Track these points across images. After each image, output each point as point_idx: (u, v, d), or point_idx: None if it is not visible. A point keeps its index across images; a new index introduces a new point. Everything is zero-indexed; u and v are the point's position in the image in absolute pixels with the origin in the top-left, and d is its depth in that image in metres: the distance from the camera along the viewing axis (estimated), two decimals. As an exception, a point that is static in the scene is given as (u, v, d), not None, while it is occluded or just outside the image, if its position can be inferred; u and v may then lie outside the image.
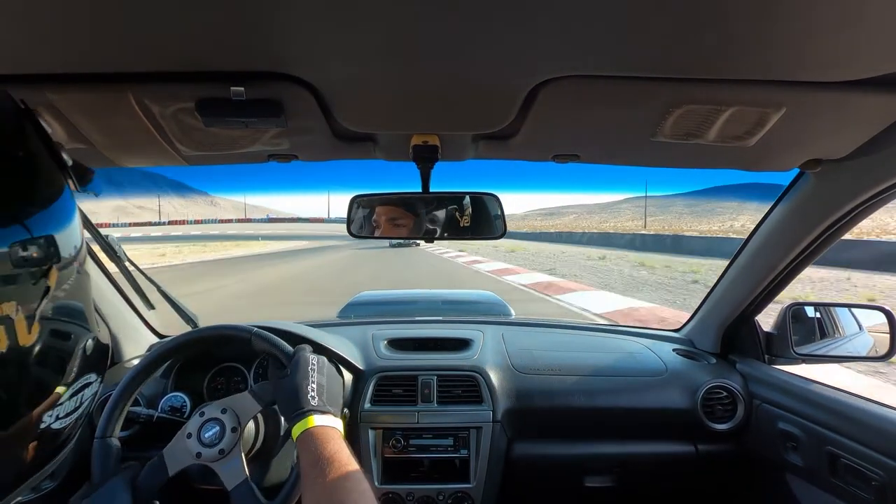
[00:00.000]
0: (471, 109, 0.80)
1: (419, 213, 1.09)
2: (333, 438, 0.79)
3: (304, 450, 0.78)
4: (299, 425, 0.81)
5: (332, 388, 0.90)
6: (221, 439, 0.92)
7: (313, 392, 0.86)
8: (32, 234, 0.36)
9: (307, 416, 0.82)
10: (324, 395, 0.87)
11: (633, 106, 0.77)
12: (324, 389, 0.88)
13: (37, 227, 0.37)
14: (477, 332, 1.60)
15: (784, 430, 1.24)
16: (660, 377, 1.43)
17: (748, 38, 0.56)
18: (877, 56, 0.60)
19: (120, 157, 0.93)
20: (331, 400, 0.88)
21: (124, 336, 1.46)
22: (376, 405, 1.35)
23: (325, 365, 0.94)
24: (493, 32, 0.56)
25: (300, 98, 0.73)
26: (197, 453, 0.91)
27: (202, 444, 0.92)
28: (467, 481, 1.30)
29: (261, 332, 1.02)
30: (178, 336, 1.09)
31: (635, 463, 1.40)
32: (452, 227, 1.09)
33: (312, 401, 0.84)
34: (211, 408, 0.95)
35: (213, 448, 0.91)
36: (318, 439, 0.78)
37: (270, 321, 1.31)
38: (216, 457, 0.91)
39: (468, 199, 1.09)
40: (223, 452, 0.91)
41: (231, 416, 0.94)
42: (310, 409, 0.83)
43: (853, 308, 1.47)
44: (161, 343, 1.05)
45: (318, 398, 0.86)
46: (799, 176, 1.11)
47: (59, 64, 0.63)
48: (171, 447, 0.93)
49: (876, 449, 1.01)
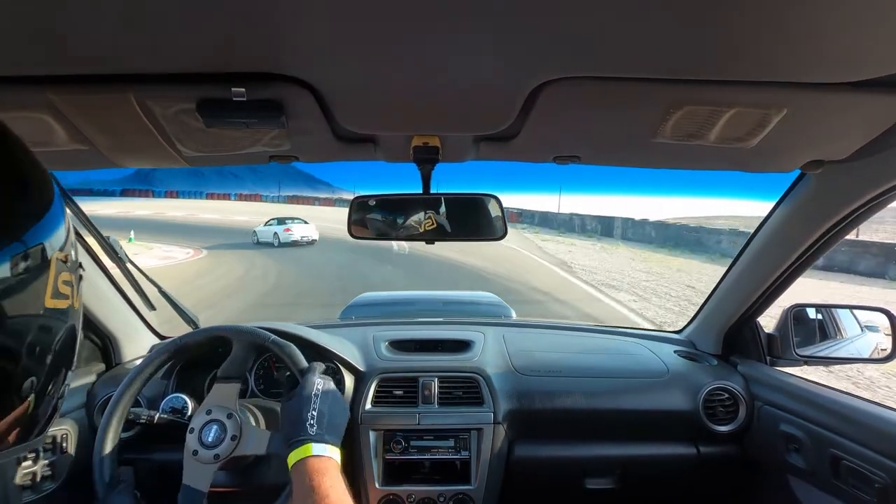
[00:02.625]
0: (471, 111, 0.80)
1: (419, 214, 1.09)
2: (329, 472, 0.77)
3: (298, 480, 0.77)
4: (296, 453, 0.80)
5: (333, 418, 0.88)
6: (219, 444, 0.93)
7: (312, 420, 0.84)
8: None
9: (304, 444, 0.80)
10: (324, 424, 0.85)
11: (634, 107, 0.77)
12: (324, 418, 0.86)
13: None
14: (478, 333, 1.60)
15: (786, 432, 1.24)
16: (661, 379, 1.42)
17: (749, 39, 0.56)
18: (878, 57, 0.60)
19: (121, 158, 0.93)
20: (331, 429, 0.86)
21: (125, 337, 1.46)
22: (377, 406, 1.34)
23: (329, 392, 0.91)
24: (494, 34, 0.56)
25: (301, 99, 0.73)
26: (194, 451, 0.92)
27: (204, 445, 0.92)
28: (468, 483, 1.30)
29: (279, 340, 1.02)
30: (198, 331, 1.08)
31: (636, 465, 1.40)
32: (453, 229, 1.09)
33: (311, 429, 0.83)
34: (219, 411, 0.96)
35: (210, 450, 0.92)
36: (313, 471, 0.77)
37: (272, 322, 1.31)
38: (209, 460, 0.92)
39: (469, 200, 1.10)
40: (217, 458, 0.92)
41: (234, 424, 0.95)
42: (307, 437, 0.81)
43: (855, 309, 1.47)
44: (173, 340, 1.05)
45: (318, 426, 0.84)
46: (800, 177, 1.11)
47: (60, 65, 0.63)
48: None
49: (879, 451, 1.00)
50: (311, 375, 0.93)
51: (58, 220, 0.42)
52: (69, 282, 0.43)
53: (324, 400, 0.88)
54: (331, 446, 0.82)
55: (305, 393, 0.89)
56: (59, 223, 0.42)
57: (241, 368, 1.01)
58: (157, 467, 1.28)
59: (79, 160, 0.95)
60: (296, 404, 0.87)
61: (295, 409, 0.86)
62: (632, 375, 1.44)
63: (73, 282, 0.44)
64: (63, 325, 0.43)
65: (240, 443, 0.93)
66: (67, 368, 0.46)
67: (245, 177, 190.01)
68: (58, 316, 0.42)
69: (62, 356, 0.43)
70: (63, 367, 0.44)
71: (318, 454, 0.80)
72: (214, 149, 0.92)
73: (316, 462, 0.79)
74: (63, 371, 0.45)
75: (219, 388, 0.99)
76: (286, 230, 18.45)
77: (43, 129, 0.78)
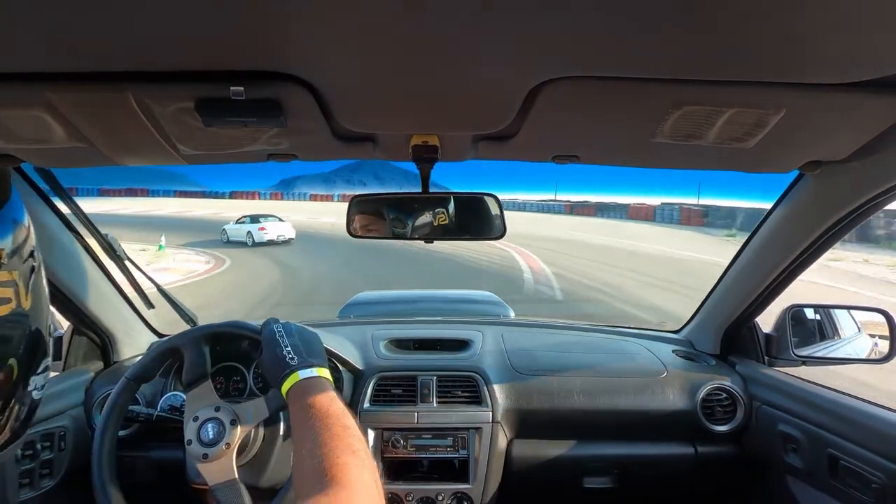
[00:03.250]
0: (470, 110, 0.80)
1: (418, 213, 1.09)
2: (324, 389, 0.77)
3: (294, 403, 0.76)
4: (285, 384, 0.79)
5: (308, 344, 0.88)
6: (223, 436, 0.92)
7: (290, 354, 0.84)
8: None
9: (291, 374, 0.80)
10: (301, 351, 0.84)
11: (633, 107, 0.77)
12: (299, 346, 0.85)
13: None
14: (476, 332, 1.60)
15: (784, 432, 1.24)
16: (659, 378, 1.42)
17: (748, 39, 0.56)
18: (877, 58, 0.60)
19: (119, 156, 0.93)
20: (311, 353, 0.85)
21: (123, 335, 1.46)
22: (376, 405, 1.35)
23: (292, 326, 0.91)
24: (493, 33, 0.56)
25: (300, 98, 0.73)
26: (203, 455, 0.92)
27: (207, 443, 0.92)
28: (467, 481, 1.30)
29: (225, 322, 1.01)
30: (151, 349, 1.09)
31: (634, 464, 1.40)
32: (452, 228, 1.09)
33: (292, 361, 0.82)
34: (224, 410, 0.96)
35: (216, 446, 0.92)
36: (306, 391, 0.76)
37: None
38: (222, 452, 0.91)
39: (468, 199, 1.10)
40: (229, 447, 0.92)
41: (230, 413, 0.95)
42: (291, 368, 0.81)
43: (853, 310, 1.47)
44: (172, 338, 1.05)
45: (297, 356, 0.83)
46: (799, 178, 1.11)
47: (58, 63, 0.63)
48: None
49: (876, 452, 1.01)
50: (268, 326, 0.92)
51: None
52: (9, 282, 0.40)
53: (289, 333, 0.88)
54: (317, 368, 0.82)
55: (271, 338, 0.88)
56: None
57: (201, 368, 0.99)
58: (155, 464, 1.29)
59: (76, 158, 0.94)
60: (268, 353, 0.87)
61: (269, 356, 0.86)
62: (630, 375, 1.44)
63: (15, 281, 0.41)
64: (14, 333, 0.40)
65: (241, 422, 0.93)
66: (31, 373, 0.43)
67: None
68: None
69: (22, 363, 0.41)
70: (26, 373, 0.42)
71: (307, 377, 0.79)
72: (213, 147, 0.92)
73: (308, 382, 0.78)
74: (26, 377, 0.42)
75: (193, 395, 0.97)
76: (260, 228, 17.48)
77: (40, 126, 0.78)
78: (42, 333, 0.45)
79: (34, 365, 0.44)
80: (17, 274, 0.41)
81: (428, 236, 1.09)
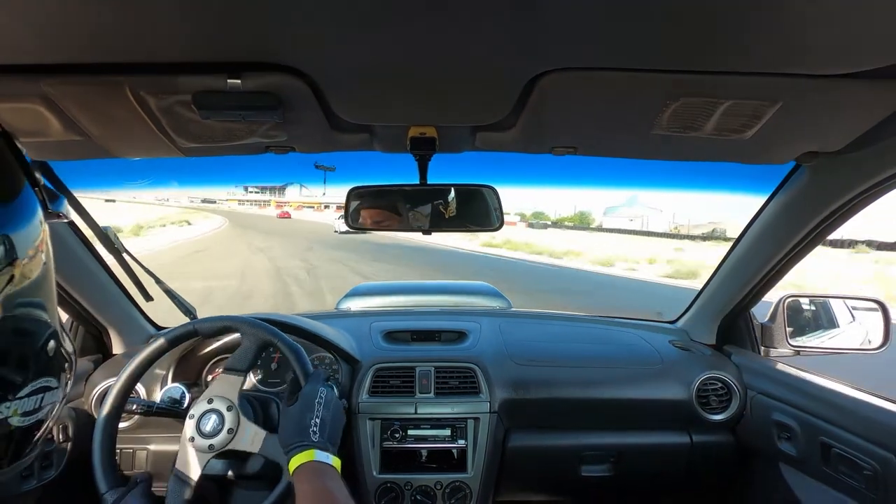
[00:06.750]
0: (468, 101, 0.79)
1: (417, 205, 1.09)
2: (334, 478, 0.78)
3: (302, 482, 0.77)
4: (299, 457, 0.80)
5: (335, 427, 0.89)
6: (216, 435, 0.93)
7: (315, 427, 0.85)
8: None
9: (308, 449, 0.81)
10: (326, 432, 0.86)
11: (631, 98, 0.77)
12: (327, 426, 0.86)
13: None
14: (474, 323, 1.61)
15: (778, 421, 1.26)
16: (655, 368, 1.44)
17: (744, 30, 0.56)
18: (872, 49, 0.60)
19: (116, 148, 0.93)
20: (332, 439, 0.87)
21: (122, 327, 1.46)
22: (374, 396, 1.36)
23: (332, 400, 0.92)
24: (491, 25, 0.56)
25: (297, 89, 0.72)
26: (191, 437, 0.93)
27: (201, 434, 0.93)
28: (465, 471, 1.32)
29: (289, 340, 1.01)
30: (211, 318, 1.06)
31: (631, 453, 1.42)
32: (450, 220, 1.09)
33: (314, 435, 0.83)
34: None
35: (206, 439, 0.93)
36: (317, 475, 0.78)
37: (269, 313, 1.31)
38: (205, 449, 0.92)
39: (466, 191, 1.10)
40: (212, 448, 0.92)
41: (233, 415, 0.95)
42: (310, 443, 0.82)
43: (847, 300, 1.48)
44: (172, 330, 1.04)
45: (321, 434, 0.84)
46: (795, 169, 1.11)
47: (55, 54, 0.63)
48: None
49: (868, 439, 1.02)
50: (315, 382, 0.93)
51: None
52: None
53: (326, 408, 0.89)
54: (332, 455, 0.83)
55: (309, 399, 0.89)
56: None
57: (247, 362, 1.00)
58: (153, 456, 1.30)
59: (73, 151, 0.94)
60: (298, 409, 0.88)
61: (298, 414, 0.87)
62: (626, 364, 1.45)
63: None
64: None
65: (235, 437, 0.94)
66: (18, 386, 0.39)
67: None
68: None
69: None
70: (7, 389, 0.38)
71: (321, 461, 0.80)
72: (210, 140, 0.91)
73: (321, 467, 0.80)
74: (12, 386, 0.39)
75: (223, 379, 0.98)
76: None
77: (37, 119, 0.78)
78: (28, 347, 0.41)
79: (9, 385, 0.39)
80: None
81: (425, 228, 1.09)
